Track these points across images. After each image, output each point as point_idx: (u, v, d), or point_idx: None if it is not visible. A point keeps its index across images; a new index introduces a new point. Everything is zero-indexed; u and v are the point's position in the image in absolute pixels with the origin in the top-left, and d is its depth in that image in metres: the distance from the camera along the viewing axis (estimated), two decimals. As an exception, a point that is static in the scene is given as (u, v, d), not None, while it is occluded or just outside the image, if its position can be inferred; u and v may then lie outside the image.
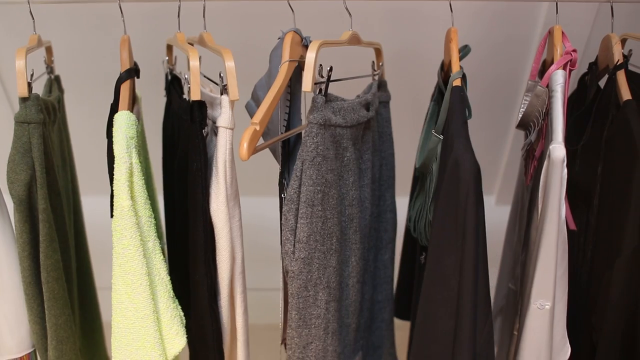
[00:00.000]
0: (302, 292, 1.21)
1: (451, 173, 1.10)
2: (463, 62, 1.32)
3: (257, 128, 1.10)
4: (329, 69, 1.20)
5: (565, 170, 1.11)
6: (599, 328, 1.24)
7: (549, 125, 1.19)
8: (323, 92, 1.19)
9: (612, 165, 1.27)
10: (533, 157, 1.28)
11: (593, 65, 1.39)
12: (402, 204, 1.50)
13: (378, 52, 1.44)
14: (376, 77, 1.45)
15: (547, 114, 1.22)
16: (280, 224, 1.22)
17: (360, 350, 1.48)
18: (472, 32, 1.72)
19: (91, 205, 1.51)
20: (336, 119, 1.21)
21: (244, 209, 1.26)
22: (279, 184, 1.27)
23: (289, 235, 1.20)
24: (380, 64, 1.45)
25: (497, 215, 1.71)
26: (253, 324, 1.39)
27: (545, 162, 1.12)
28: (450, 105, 1.19)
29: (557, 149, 1.10)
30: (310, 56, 1.15)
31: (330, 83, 1.20)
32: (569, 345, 1.21)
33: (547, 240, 1.12)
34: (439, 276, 1.14)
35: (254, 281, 1.84)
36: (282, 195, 1.27)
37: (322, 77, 1.18)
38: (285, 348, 1.29)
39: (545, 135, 1.23)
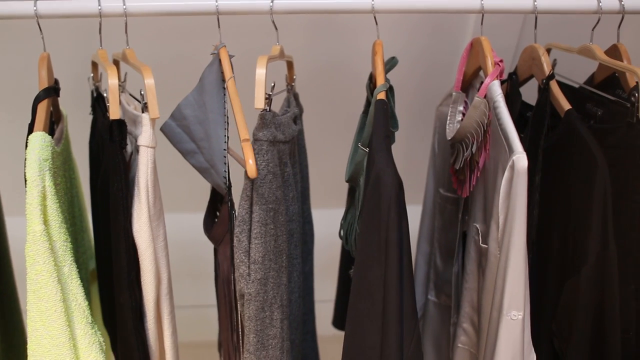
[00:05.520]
0: (259, 314, 1.20)
1: (373, 188, 1.10)
2: (395, 73, 1.32)
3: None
4: (272, 84, 1.20)
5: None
6: (561, 334, 1.25)
7: (496, 135, 1.19)
8: (268, 108, 1.19)
9: (556, 175, 1.27)
10: (476, 168, 1.27)
11: (513, 75, 1.40)
12: (330, 215, 1.50)
13: (290, 65, 1.44)
14: (290, 91, 1.44)
15: (490, 124, 1.22)
16: (232, 245, 1.21)
17: (298, 364, 1.47)
18: (400, 43, 1.73)
19: (17, 226, 1.47)
20: (279, 134, 1.21)
21: (175, 226, 1.23)
22: (228, 202, 1.26)
23: (243, 257, 1.18)
24: (294, 77, 1.44)
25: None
26: (189, 342, 1.37)
27: (507, 173, 1.12)
28: (374, 119, 1.18)
29: (521, 159, 1.10)
30: (260, 72, 1.16)
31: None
32: (534, 352, 1.22)
33: (515, 252, 1.12)
34: (364, 291, 1.13)
35: (190, 298, 1.82)
36: (233, 212, 1.25)
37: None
38: None
39: (486, 145, 1.23)
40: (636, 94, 1.16)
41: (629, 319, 1.23)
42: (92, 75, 1.42)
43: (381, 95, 1.21)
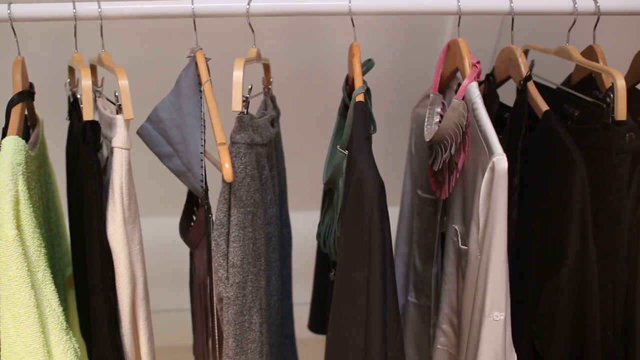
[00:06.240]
0: (238, 317, 1.19)
1: (355, 190, 1.09)
2: (373, 75, 1.32)
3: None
4: (250, 87, 1.20)
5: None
6: (542, 334, 1.25)
7: (475, 137, 1.19)
8: (246, 110, 1.18)
9: (534, 176, 1.28)
10: (455, 170, 1.27)
11: (490, 77, 1.40)
12: (307, 218, 1.49)
13: (267, 68, 1.44)
14: (267, 94, 1.44)
15: (469, 126, 1.22)
16: (210, 249, 1.20)
17: (276, 367, 1.47)
18: (378, 45, 1.73)
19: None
20: (256, 137, 1.20)
21: (153, 229, 1.22)
22: (204, 206, 1.25)
23: (222, 261, 1.18)
24: (271, 79, 1.44)
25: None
26: (169, 346, 1.35)
27: (488, 175, 1.12)
28: (353, 121, 1.18)
29: (501, 161, 1.10)
30: (237, 74, 1.15)
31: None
32: (515, 353, 1.23)
33: (496, 253, 1.13)
34: (347, 293, 1.13)
35: (169, 302, 1.81)
36: (210, 215, 1.24)
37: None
38: None
39: (465, 147, 1.23)
40: (611, 95, 1.17)
41: (606, 319, 1.23)
42: (68, 80, 1.41)
43: (360, 97, 1.20)
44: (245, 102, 1.18)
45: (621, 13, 1.31)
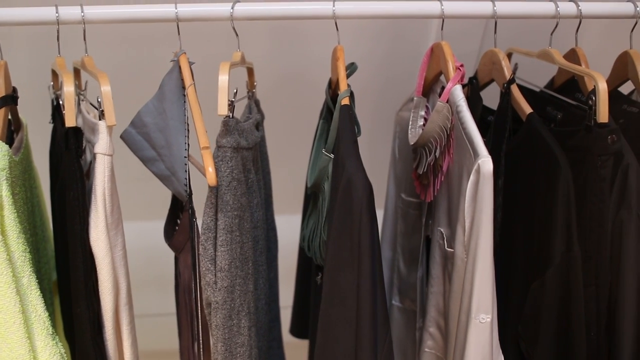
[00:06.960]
0: (226, 322, 1.19)
1: (344, 193, 1.10)
2: (357, 79, 1.32)
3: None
4: (235, 91, 1.20)
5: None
6: (527, 336, 1.27)
7: (459, 139, 1.20)
8: (231, 114, 1.18)
9: (519, 178, 1.28)
10: (440, 173, 1.28)
11: (473, 80, 1.41)
12: (292, 221, 1.49)
13: (251, 71, 1.44)
14: (251, 97, 1.44)
15: (453, 128, 1.22)
16: (197, 253, 1.20)
17: (264, 372, 1.47)
18: (362, 49, 1.74)
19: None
20: (242, 141, 1.20)
21: (139, 234, 1.22)
22: (189, 210, 1.25)
23: (209, 265, 1.18)
24: (255, 83, 1.44)
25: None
26: (155, 351, 1.35)
27: (473, 177, 1.12)
28: (339, 125, 1.18)
29: (487, 163, 1.10)
30: (223, 78, 1.15)
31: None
32: (502, 355, 1.23)
33: (482, 255, 1.13)
34: (337, 297, 1.13)
35: (156, 306, 1.80)
36: (194, 220, 1.24)
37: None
38: None
39: (450, 150, 1.24)
40: (593, 98, 1.18)
41: (590, 319, 1.24)
42: (52, 83, 1.40)
43: (345, 101, 1.21)
44: (231, 106, 1.18)
45: (602, 16, 1.33)
